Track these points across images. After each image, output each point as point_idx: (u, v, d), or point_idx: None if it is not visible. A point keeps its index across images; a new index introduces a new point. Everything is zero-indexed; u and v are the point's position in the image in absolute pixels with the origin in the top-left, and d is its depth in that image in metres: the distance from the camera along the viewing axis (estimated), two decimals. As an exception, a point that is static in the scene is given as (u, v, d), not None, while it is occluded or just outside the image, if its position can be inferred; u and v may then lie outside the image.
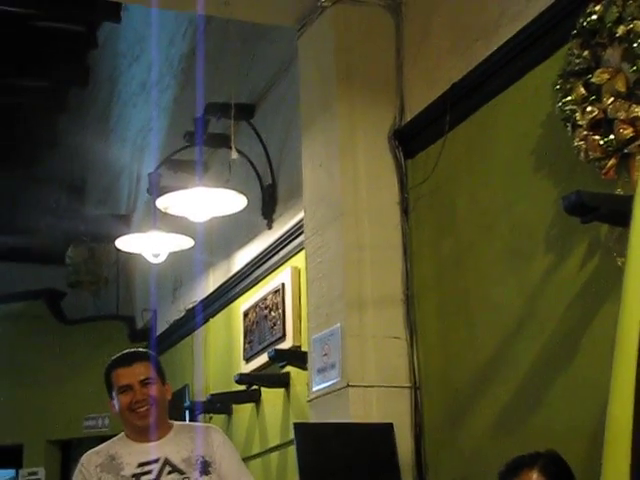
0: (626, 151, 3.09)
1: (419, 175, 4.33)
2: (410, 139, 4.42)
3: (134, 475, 3.17)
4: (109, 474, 3.18)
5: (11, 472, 9.99)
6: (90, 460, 3.24)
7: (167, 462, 3.19)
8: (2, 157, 10.81)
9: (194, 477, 3.16)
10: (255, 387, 5.96)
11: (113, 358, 3.33)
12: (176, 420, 3.44)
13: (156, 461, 3.19)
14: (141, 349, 3.45)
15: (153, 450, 3.21)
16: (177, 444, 3.23)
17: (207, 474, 3.20)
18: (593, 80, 3.18)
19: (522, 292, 3.66)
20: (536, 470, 2.85)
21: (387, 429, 4.10)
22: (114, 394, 3.24)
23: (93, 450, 3.30)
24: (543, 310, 3.53)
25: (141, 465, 3.19)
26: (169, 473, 3.17)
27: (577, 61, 3.23)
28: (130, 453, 3.21)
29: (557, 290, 3.47)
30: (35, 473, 9.22)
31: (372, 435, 4.08)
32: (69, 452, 9.20)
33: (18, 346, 9.58)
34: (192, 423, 3.48)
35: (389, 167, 4.44)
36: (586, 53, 3.21)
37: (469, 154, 4.05)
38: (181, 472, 3.18)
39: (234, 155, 5.47)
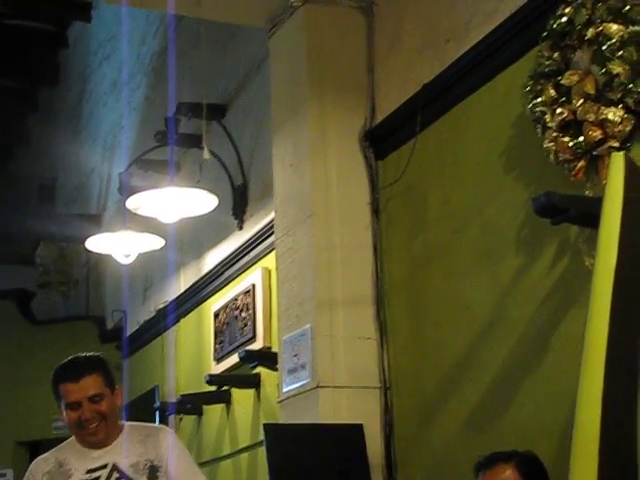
0: (595, 153, 3.11)
1: (390, 176, 4.33)
2: (381, 140, 4.42)
3: None
4: None
5: (-21, 474, 9.92)
6: (38, 468, 3.23)
7: (115, 468, 3.17)
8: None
9: None
10: (226, 388, 5.94)
11: (60, 366, 3.24)
12: (145, 421, 3.40)
13: (104, 467, 3.18)
14: (91, 356, 3.29)
15: (102, 456, 3.19)
16: (126, 449, 3.20)
17: (156, 478, 3.17)
18: (563, 82, 3.19)
19: (492, 293, 3.67)
20: (511, 466, 2.87)
21: (357, 430, 4.10)
22: (62, 407, 3.20)
23: (42, 457, 3.28)
24: (513, 311, 3.54)
25: (89, 472, 3.17)
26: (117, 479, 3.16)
27: (547, 63, 3.24)
28: (79, 459, 3.19)
29: (527, 291, 3.48)
30: (3, 475, 9.15)
31: (342, 436, 4.08)
32: (38, 453, 9.04)
33: (-14, 346, 9.50)
34: (143, 424, 3.42)
35: (360, 168, 4.44)
36: (556, 55, 3.22)
37: (440, 155, 4.06)
38: (128, 479, 3.16)
39: (206, 155, 5.46)
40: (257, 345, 5.52)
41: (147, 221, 5.84)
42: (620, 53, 2.98)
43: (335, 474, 3.95)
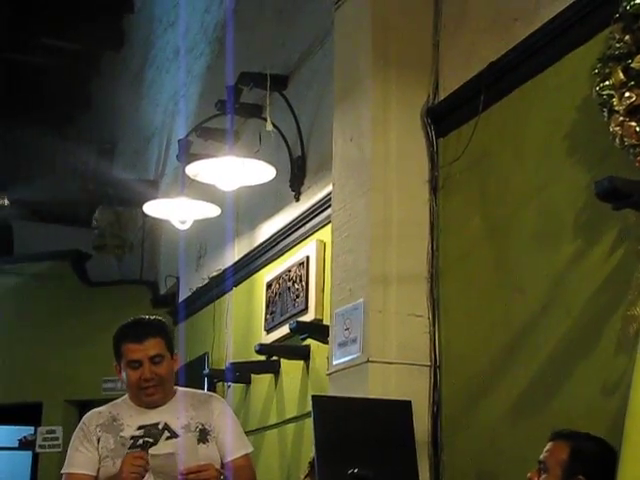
0: (662, 139, 3.06)
1: (450, 154, 4.30)
2: (443, 117, 4.39)
3: (132, 437, 3.21)
4: (109, 434, 3.22)
5: (30, 429, 10.10)
6: (92, 419, 3.29)
7: (166, 427, 3.22)
8: (33, 118, 10.85)
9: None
10: (275, 358, 5.98)
11: (125, 326, 3.32)
12: (193, 387, 3.44)
13: (156, 425, 3.22)
14: (154, 319, 3.37)
15: (154, 415, 3.25)
16: (178, 411, 3.26)
17: (205, 442, 3.22)
18: (633, 65, 3.13)
19: (548, 276, 3.64)
20: (566, 447, 2.85)
21: (405, 406, 4.10)
22: (122, 365, 3.26)
23: (96, 410, 3.34)
24: (569, 295, 3.51)
25: (141, 428, 3.22)
26: (167, 438, 3.20)
27: (618, 45, 3.18)
28: (131, 416, 3.25)
29: (583, 276, 3.44)
30: (53, 431, 9.32)
31: (390, 412, 4.08)
32: (87, 412, 9.26)
33: (42, 306, 9.66)
34: (195, 390, 3.47)
35: (420, 144, 4.42)
36: (627, 37, 3.15)
37: (502, 135, 4.02)
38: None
39: (269, 127, 5.46)
40: (308, 317, 5.54)
41: (204, 189, 5.88)
42: (693, 38, 2.92)
43: (381, 449, 3.96)
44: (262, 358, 6.03)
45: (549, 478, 2.85)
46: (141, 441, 3.18)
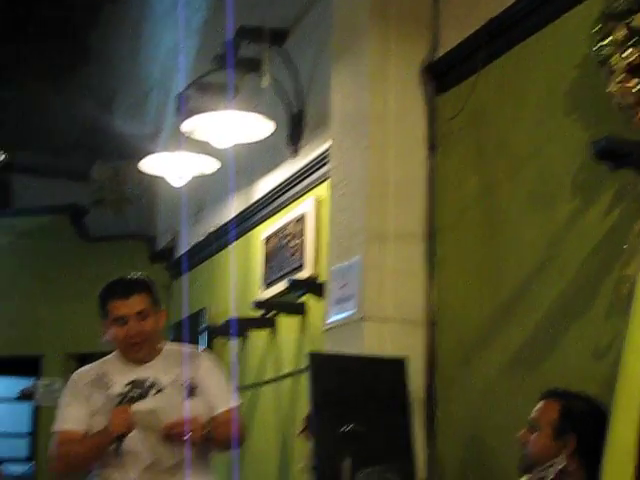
0: (661, 99, 3.03)
1: (449, 111, 4.28)
2: (442, 74, 4.36)
3: (120, 394, 3.23)
4: (98, 390, 3.26)
5: (30, 381, 10.17)
6: (81, 377, 3.32)
7: (154, 383, 3.24)
8: (30, 70, 10.77)
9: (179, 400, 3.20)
10: (272, 314, 6.00)
11: (110, 284, 3.33)
12: (191, 342, 3.45)
13: (144, 381, 3.24)
14: (139, 276, 3.38)
15: (142, 371, 3.27)
16: (166, 366, 3.28)
17: (192, 397, 3.24)
18: (633, 24, 3.10)
19: (545, 236, 3.63)
20: (558, 404, 2.86)
21: (400, 363, 4.12)
22: (108, 322, 3.27)
23: (84, 368, 3.37)
24: (565, 255, 3.51)
25: (129, 384, 3.25)
26: (156, 394, 3.22)
27: (618, 3, 3.15)
28: (120, 372, 3.28)
29: (580, 236, 3.44)
30: (53, 384, 9.37)
31: (385, 368, 4.10)
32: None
33: (40, 259, 9.67)
34: (183, 346, 3.49)
35: (419, 101, 4.39)
36: (628, -5, 3.13)
37: (501, 93, 4.00)
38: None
39: (265, 82, 5.42)
40: (305, 274, 5.55)
41: (202, 144, 5.85)
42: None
43: (376, 405, 3.99)
44: (259, 314, 6.05)
45: (540, 437, 2.87)
46: (129, 397, 3.21)
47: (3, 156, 9.40)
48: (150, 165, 6.35)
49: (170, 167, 6.24)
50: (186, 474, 3.17)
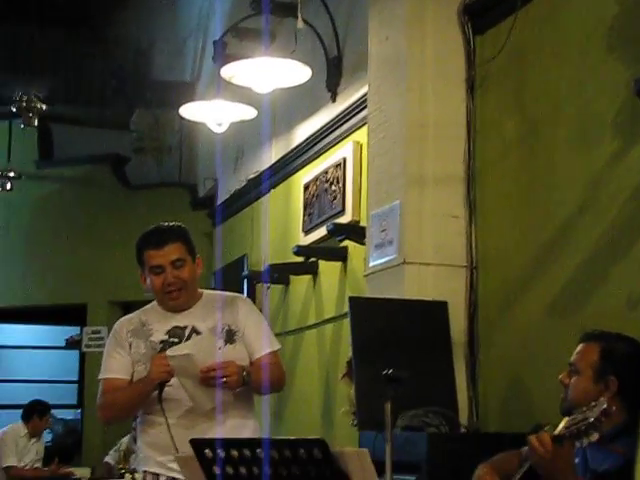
0: None
1: (487, 52, 4.22)
2: (480, 14, 4.29)
3: (162, 341, 3.27)
4: (139, 339, 3.30)
5: (76, 329, 10.33)
6: (122, 326, 3.37)
7: (194, 330, 3.28)
8: (68, 20, 10.78)
9: (219, 345, 3.23)
10: (313, 259, 6.01)
11: (145, 234, 3.34)
12: (232, 289, 3.47)
13: (184, 329, 3.28)
14: (173, 225, 3.37)
15: (181, 319, 3.31)
16: (204, 313, 3.31)
17: (232, 342, 3.27)
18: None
19: (586, 177, 3.59)
20: (596, 348, 2.85)
21: (441, 307, 4.12)
22: (146, 272, 3.29)
23: (126, 317, 3.43)
24: (607, 196, 3.47)
25: (168, 332, 3.28)
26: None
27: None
28: (159, 321, 3.31)
29: (622, 176, 3.40)
30: (98, 332, 9.51)
31: (426, 312, 4.11)
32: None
33: (82, 209, 9.77)
34: (222, 292, 3.51)
35: (457, 43, 4.33)
36: None
37: (540, 32, 3.93)
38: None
39: (300, 25, 5.38)
40: (346, 219, 5.55)
41: (240, 91, 5.82)
42: None
43: (417, 349, 4.00)
44: (300, 259, 6.07)
45: (580, 380, 2.85)
46: (169, 344, 3.24)
47: (44, 107, 9.44)
48: (189, 112, 6.35)
49: (209, 114, 6.23)
50: (224, 418, 3.20)
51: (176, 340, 3.25)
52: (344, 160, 5.65)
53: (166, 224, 3.37)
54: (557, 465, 2.58)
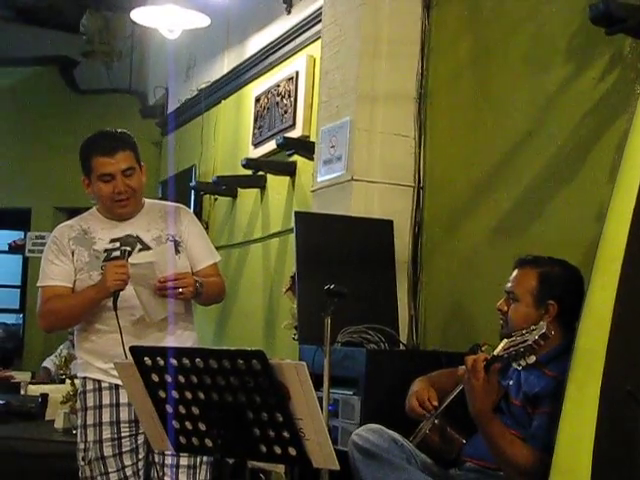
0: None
1: (446, -30, 4.17)
2: None
3: (106, 250, 3.21)
4: (82, 247, 3.21)
5: (20, 234, 10.22)
6: (63, 233, 3.26)
7: (139, 239, 3.23)
8: None
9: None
10: (261, 173, 5.98)
11: (93, 139, 3.22)
12: (181, 200, 3.42)
13: (129, 237, 3.23)
14: (121, 132, 3.26)
15: (125, 227, 3.24)
16: (148, 223, 3.25)
17: (177, 253, 3.24)
18: None
19: (537, 101, 3.59)
20: (535, 273, 2.87)
21: (387, 225, 4.14)
22: (92, 178, 3.21)
23: (65, 224, 3.31)
24: (555, 121, 3.48)
25: (113, 241, 3.22)
26: (139, 250, 3.22)
27: None
28: (102, 229, 3.24)
29: (572, 102, 3.40)
30: (42, 237, 9.42)
31: (371, 230, 4.12)
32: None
33: (29, 112, 9.57)
34: (162, 202, 3.44)
35: (415, -41, 4.28)
36: None
37: (500, -48, 3.89)
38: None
39: None
40: (296, 133, 5.51)
41: (194, -3, 5.72)
42: None
43: (361, 265, 4.02)
44: (249, 172, 6.03)
45: (520, 306, 2.86)
46: (118, 252, 3.19)
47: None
48: (141, 17, 6.21)
49: (161, 20, 6.10)
50: (173, 328, 3.19)
51: (124, 249, 3.18)
52: (297, 74, 5.59)
53: (113, 130, 3.29)
54: (481, 389, 2.63)
